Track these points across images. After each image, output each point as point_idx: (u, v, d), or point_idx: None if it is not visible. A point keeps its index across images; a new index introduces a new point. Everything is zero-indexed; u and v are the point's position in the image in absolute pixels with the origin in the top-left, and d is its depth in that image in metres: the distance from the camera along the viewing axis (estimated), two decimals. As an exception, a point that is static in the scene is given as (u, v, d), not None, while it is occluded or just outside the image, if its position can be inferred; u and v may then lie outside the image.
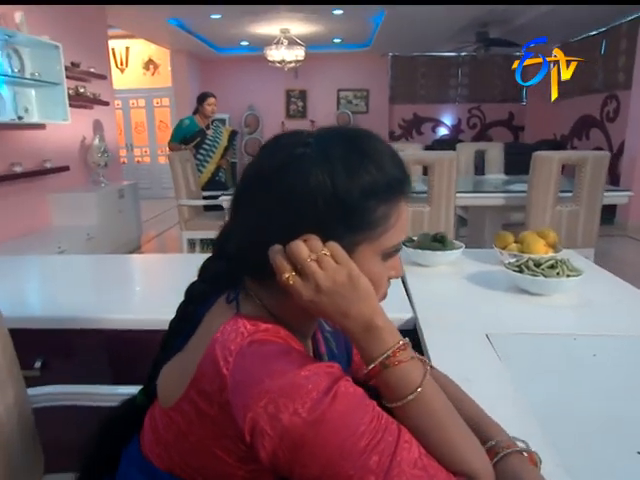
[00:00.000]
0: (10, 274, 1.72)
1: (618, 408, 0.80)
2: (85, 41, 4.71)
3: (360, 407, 0.51)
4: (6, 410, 0.95)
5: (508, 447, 0.59)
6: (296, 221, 0.55)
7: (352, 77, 8.84)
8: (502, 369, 0.92)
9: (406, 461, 0.50)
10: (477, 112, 8.81)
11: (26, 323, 1.30)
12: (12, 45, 3.67)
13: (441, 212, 3.22)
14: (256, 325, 0.55)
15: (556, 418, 0.78)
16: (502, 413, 0.77)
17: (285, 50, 6.87)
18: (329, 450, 0.49)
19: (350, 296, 0.54)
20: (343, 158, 0.56)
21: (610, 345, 1.03)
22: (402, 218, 0.60)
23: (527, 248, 1.52)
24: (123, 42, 7.79)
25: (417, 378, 0.55)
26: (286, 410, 0.49)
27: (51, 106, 4.00)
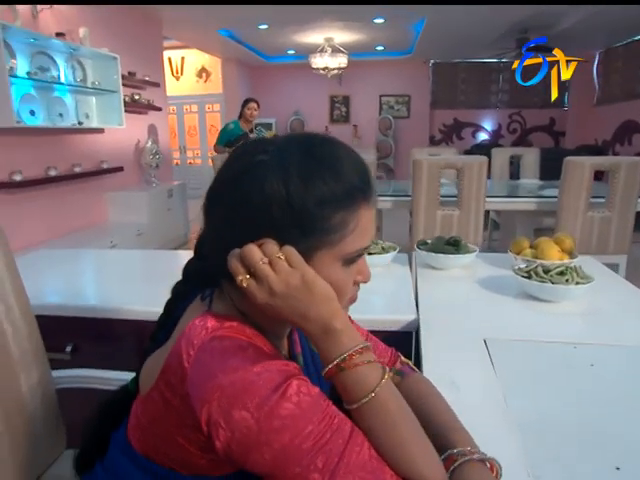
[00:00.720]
0: (61, 266, 1.81)
1: (605, 421, 0.76)
2: (141, 52, 4.87)
3: (310, 406, 0.51)
4: (30, 390, 1.00)
5: (468, 455, 0.57)
6: (254, 226, 0.55)
7: (394, 83, 8.75)
8: (492, 375, 0.89)
9: (354, 463, 0.50)
10: (517, 117, 8.53)
11: (61, 311, 1.37)
12: (76, 57, 3.85)
13: (470, 216, 3.14)
14: (221, 322, 0.56)
15: (539, 428, 0.74)
16: (483, 420, 0.76)
17: (328, 58, 6.88)
18: (276, 447, 0.49)
19: (305, 299, 0.54)
20: (298, 166, 0.55)
21: (610, 355, 0.97)
22: (362, 224, 0.58)
23: (541, 254, 1.46)
24: (179, 52, 8.01)
25: (373, 382, 0.54)
26: (236, 405, 0.49)
27: (109, 112, 4.18)
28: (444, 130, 8.81)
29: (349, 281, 0.61)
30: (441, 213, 3.18)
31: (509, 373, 0.90)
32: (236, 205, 0.56)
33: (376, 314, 1.21)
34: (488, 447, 0.67)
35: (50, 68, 3.56)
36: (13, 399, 0.96)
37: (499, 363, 0.94)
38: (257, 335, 0.58)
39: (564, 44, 6.45)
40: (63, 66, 3.70)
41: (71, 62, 3.79)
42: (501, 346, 1.01)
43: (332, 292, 0.55)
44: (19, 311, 1.00)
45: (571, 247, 1.52)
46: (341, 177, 0.56)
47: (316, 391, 0.53)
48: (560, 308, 1.22)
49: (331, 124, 9.33)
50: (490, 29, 5.99)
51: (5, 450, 0.93)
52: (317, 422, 0.50)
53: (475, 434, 0.69)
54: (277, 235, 0.54)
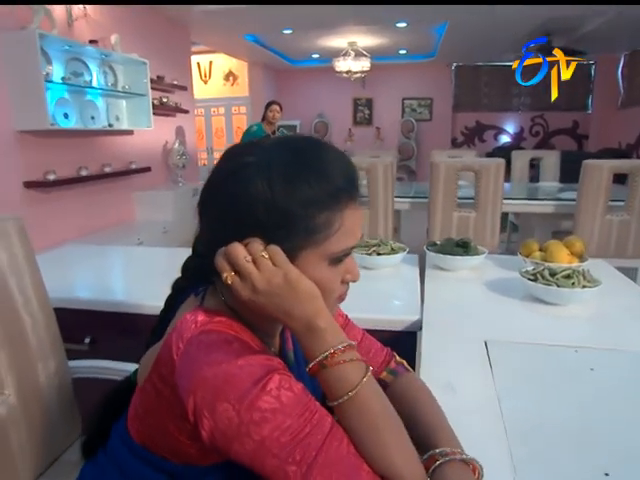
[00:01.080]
0: (87, 261, 1.87)
1: (598, 426, 0.74)
2: (170, 57, 4.95)
3: (291, 400, 0.51)
4: (47, 378, 1.03)
5: (449, 455, 0.57)
6: (241, 225, 0.56)
7: (417, 86, 8.67)
8: (489, 378, 0.87)
9: (332, 458, 0.50)
10: (540, 120, 8.34)
11: (82, 304, 1.41)
12: (108, 63, 3.94)
13: (487, 218, 3.10)
14: (210, 317, 0.57)
15: (530, 431, 0.73)
16: (474, 422, 0.75)
17: (351, 61, 6.87)
18: (256, 438, 0.49)
19: (289, 297, 0.54)
20: (283, 168, 0.56)
21: (611, 360, 0.95)
22: (347, 224, 0.58)
23: (550, 257, 1.43)
24: (207, 57, 8.11)
25: (354, 380, 0.54)
26: (219, 397, 0.50)
27: (138, 114, 4.25)
28: (466, 133, 8.68)
29: (336, 280, 0.61)
30: (457, 215, 3.14)
31: (506, 375, 0.89)
32: (225, 205, 0.57)
33: (380, 314, 1.20)
34: (476, 449, 0.67)
35: (83, 73, 3.65)
36: (30, 387, 1.00)
37: (498, 365, 0.92)
38: (245, 331, 0.58)
39: (588, 47, 6.30)
40: (96, 71, 3.79)
41: (103, 67, 3.87)
42: (501, 348, 0.99)
43: (316, 291, 0.56)
44: (37, 303, 1.03)
45: (581, 250, 1.49)
46: (326, 179, 0.57)
47: (299, 387, 0.53)
48: (566, 311, 1.20)
49: (354, 126, 9.30)
50: (513, 32, 5.88)
51: (23, 435, 0.97)
52: (297, 416, 0.50)
53: (464, 435, 0.69)
54: (263, 234, 0.55)
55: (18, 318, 0.99)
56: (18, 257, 1.01)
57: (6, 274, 0.97)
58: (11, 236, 1.00)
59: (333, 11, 5.04)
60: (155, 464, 0.61)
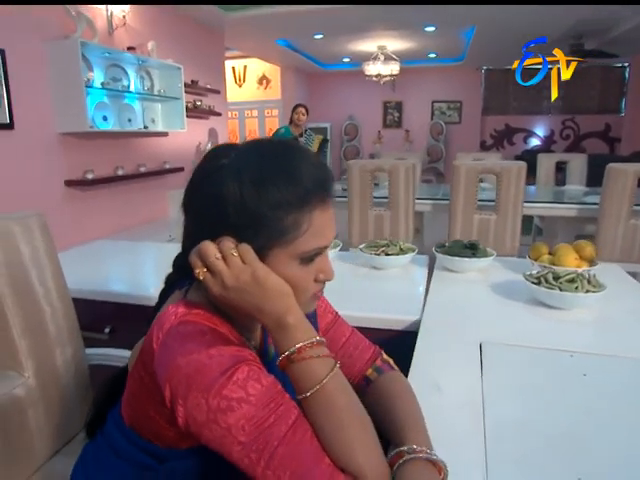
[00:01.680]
0: (118, 256, 1.94)
1: (580, 431, 0.71)
2: (204, 62, 5.05)
3: (257, 391, 0.52)
4: (64, 363, 1.08)
5: (415, 453, 0.57)
6: (215, 224, 0.57)
7: (446, 89, 8.55)
8: (477, 380, 0.86)
9: (293, 448, 0.51)
10: (571, 123, 8.08)
11: (103, 296, 1.46)
12: (145, 68, 4.05)
13: (507, 221, 3.03)
14: (190, 309, 0.59)
15: (510, 434, 0.71)
16: (455, 422, 0.74)
17: (381, 65, 6.84)
18: (222, 425, 0.51)
19: (257, 293, 0.55)
20: (254, 172, 0.57)
21: (606, 366, 0.92)
22: (316, 224, 0.59)
23: (558, 260, 1.40)
24: (242, 61, 8.23)
25: (320, 375, 0.55)
26: (190, 385, 0.52)
27: (172, 117, 4.35)
28: (495, 135, 8.50)
29: (308, 278, 0.62)
30: (478, 217, 3.08)
31: (496, 378, 0.87)
32: (201, 205, 0.59)
33: (381, 313, 1.20)
34: (452, 447, 0.67)
35: (122, 78, 3.77)
36: (49, 371, 1.05)
37: (489, 367, 0.91)
38: (224, 324, 0.60)
39: (622, 48, 6.06)
40: (133, 76, 3.90)
41: (140, 72, 3.99)
42: (496, 351, 0.98)
43: (286, 288, 0.57)
44: (57, 294, 1.08)
45: (591, 255, 1.44)
46: (294, 182, 0.57)
47: (268, 379, 0.55)
48: (569, 315, 1.17)
49: (384, 129, 9.25)
50: (543, 35, 5.71)
51: (40, 414, 1.02)
52: (262, 407, 0.52)
53: (443, 434, 0.69)
54: (235, 234, 0.56)
55: (38, 308, 1.04)
56: (40, 251, 1.06)
57: (28, 267, 1.03)
58: (34, 231, 1.05)
59: (363, 16, 5.03)
60: (142, 446, 0.64)
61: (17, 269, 1.00)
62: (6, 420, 0.96)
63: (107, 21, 3.60)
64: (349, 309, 1.22)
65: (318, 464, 0.51)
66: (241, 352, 0.55)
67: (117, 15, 3.65)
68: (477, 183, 3.02)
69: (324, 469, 0.51)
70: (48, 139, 3.14)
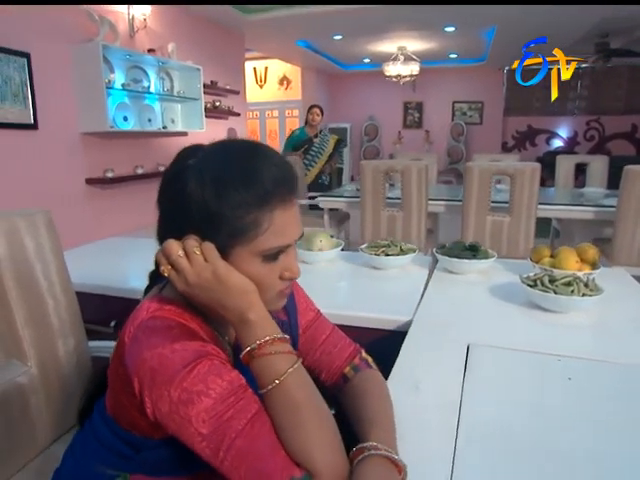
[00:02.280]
0: (129, 253, 1.99)
1: (554, 437, 0.70)
2: (224, 63, 5.12)
3: (217, 385, 0.54)
4: (66, 354, 1.12)
5: (374, 450, 0.57)
6: (180, 223, 0.59)
7: (467, 90, 8.45)
8: (459, 381, 0.85)
9: (250, 442, 0.53)
10: (596, 124, 7.88)
11: (111, 291, 1.51)
12: (165, 69, 4.14)
13: (521, 223, 2.99)
14: (162, 305, 0.61)
15: (483, 435, 0.70)
16: (428, 420, 0.75)
17: (401, 66, 6.81)
18: (182, 415, 0.53)
19: (218, 290, 0.57)
20: (215, 172, 0.59)
21: (593, 371, 0.90)
22: (276, 223, 0.60)
23: (558, 263, 1.38)
24: (263, 62, 8.29)
25: (279, 371, 0.56)
26: (154, 378, 0.54)
27: (192, 117, 4.43)
28: (517, 137, 8.36)
29: (272, 276, 0.63)
30: (491, 219, 3.05)
31: (478, 380, 0.87)
32: (168, 204, 0.61)
33: (375, 313, 1.21)
34: (421, 446, 0.67)
35: (142, 80, 3.86)
36: (51, 361, 1.09)
37: (473, 368, 0.90)
38: (195, 319, 0.62)
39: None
40: (153, 77, 3.99)
41: (160, 74, 4.07)
42: (483, 352, 0.97)
43: (249, 286, 0.58)
44: (60, 287, 1.12)
45: (594, 258, 1.42)
46: (254, 183, 0.59)
47: (231, 374, 0.56)
48: (565, 319, 1.15)
49: (404, 129, 9.21)
50: (566, 34, 5.60)
51: (42, 402, 1.06)
52: (221, 400, 0.53)
53: (413, 434, 0.69)
54: (199, 232, 0.58)
55: (42, 300, 1.08)
56: (45, 246, 1.10)
57: (33, 261, 1.07)
58: (39, 227, 1.09)
59: (382, 17, 5.02)
60: (120, 435, 0.66)
61: (22, 263, 1.05)
62: (9, 406, 1.00)
63: (129, 24, 3.69)
64: (342, 308, 1.24)
65: (274, 457, 0.53)
66: (204, 347, 0.57)
67: (138, 18, 3.73)
68: (490, 184, 2.99)
69: (279, 462, 0.53)
70: (70, 139, 3.23)
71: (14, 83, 2.78)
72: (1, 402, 0.98)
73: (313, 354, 0.80)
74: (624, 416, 0.76)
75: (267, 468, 0.52)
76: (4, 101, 2.74)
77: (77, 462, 0.75)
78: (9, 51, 2.76)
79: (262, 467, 0.52)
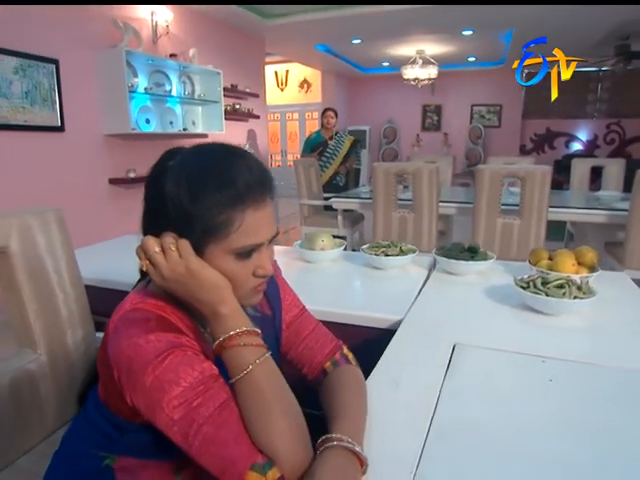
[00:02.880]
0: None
1: (525, 437, 0.69)
2: (244, 66, 5.18)
3: (187, 374, 0.57)
4: (74, 344, 1.17)
5: (337, 441, 0.58)
6: (159, 220, 0.62)
7: (486, 93, 8.34)
8: (439, 380, 0.85)
9: (217, 428, 0.55)
10: (616, 127, 7.68)
11: (116, 285, 1.55)
12: (186, 73, 4.22)
13: (531, 225, 2.95)
14: (144, 298, 0.64)
15: (454, 432, 0.70)
16: (402, 415, 0.75)
17: (419, 69, 6.77)
18: (155, 403, 0.56)
19: (192, 284, 0.60)
20: (191, 174, 0.61)
21: (576, 373, 0.89)
22: (247, 223, 0.62)
23: (555, 266, 1.36)
24: (284, 66, 8.35)
25: (247, 362, 0.58)
26: (130, 366, 0.57)
27: (212, 119, 4.50)
28: (535, 140, 8.21)
29: (245, 273, 0.65)
30: (502, 221, 3.02)
31: (459, 379, 0.87)
32: (150, 201, 0.64)
33: (367, 311, 1.22)
34: (390, 443, 0.68)
35: (164, 83, 3.95)
36: (59, 349, 1.13)
37: (455, 369, 0.90)
38: (175, 312, 0.65)
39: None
40: (175, 81, 4.07)
41: (182, 78, 4.15)
42: (468, 352, 0.97)
43: (221, 281, 0.61)
44: (69, 281, 1.17)
45: (592, 261, 1.40)
46: (227, 186, 0.61)
47: (202, 364, 0.59)
48: (556, 321, 1.14)
49: (422, 132, 9.14)
50: (586, 36, 5.48)
51: (50, 388, 1.11)
52: (191, 389, 0.56)
53: (385, 429, 0.70)
54: (176, 230, 0.61)
55: (52, 293, 1.13)
56: (56, 242, 1.14)
57: (44, 256, 1.12)
58: (50, 224, 1.14)
59: (400, 20, 5.00)
60: (107, 417, 0.70)
61: (33, 258, 1.09)
62: (19, 391, 1.05)
63: (152, 30, 3.77)
64: (338, 306, 1.25)
65: (238, 444, 0.55)
66: (178, 339, 0.60)
67: (161, 24, 3.82)
68: (501, 187, 2.96)
69: (243, 449, 0.55)
70: (95, 140, 3.33)
71: (43, 88, 2.89)
72: (12, 387, 1.03)
73: (296, 348, 0.82)
74: (601, 419, 0.75)
75: (231, 454, 0.54)
76: (34, 105, 2.84)
77: (72, 445, 0.78)
78: (40, 58, 2.86)
79: (226, 453, 0.54)
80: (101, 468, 0.71)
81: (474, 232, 3.10)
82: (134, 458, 0.70)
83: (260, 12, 4.74)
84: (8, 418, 1.02)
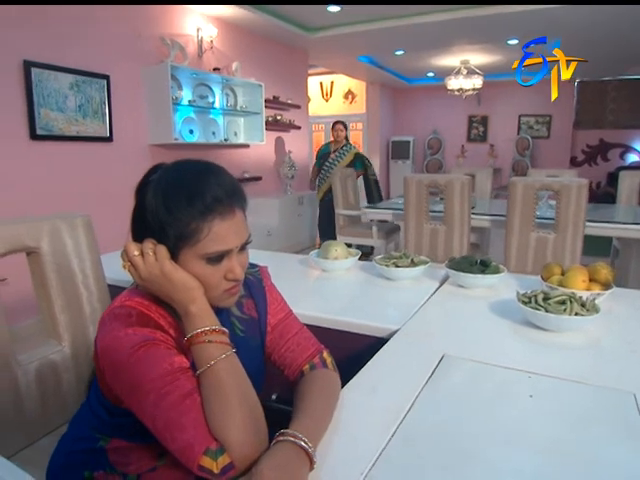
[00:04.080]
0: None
1: (491, 450, 0.70)
2: (286, 78, 5.33)
3: (157, 365, 0.63)
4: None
5: (291, 437, 0.62)
6: (141, 227, 0.70)
7: (535, 103, 8.08)
8: (418, 388, 0.87)
9: (179, 413, 0.61)
10: (677, 138, 7.25)
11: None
12: (229, 86, 4.41)
13: (567, 240, 2.86)
14: (131, 297, 0.72)
15: (416, 442, 0.72)
16: (370, 420, 0.78)
17: (463, 79, 6.69)
18: (129, 389, 0.63)
19: (166, 285, 0.67)
20: (166, 187, 0.69)
21: (558, 389, 0.88)
22: (214, 231, 0.69)
23: (565, 281, 1.34)
24: (329, 77, 8.48)
25: (211, 357, 0.65)
26: (110, 356, 0.65)
27: (253, 130, 4.67)
28: (587, 151, 7.86)
29: (216, 276, 0.71)
30: (536, 235, 2.94)
31: (438, 389, 0.88)
32: (135, 210, 0.72)
33: (365, 320, 1.24)
34: (351, 444, 0.71)
35: (208, 96, 4.14)
36: (81, 343, 1.24)
37: (438, 379, 0.91)
38: (159, 310, 0.72)
39: None
40: (218, 94, 4.26)
41: (225, 90, 4.34)
42: (454, 364, 0.98)
43: (192, 282, 0.68)
44: (93, 280, 1.28)
45: (607, 278, 1.36)
46: (196, 199, 0.68)
47: (173, 358, 0.65)
48: (555, 338, 1.12)
49: (468, 143, 8.98)
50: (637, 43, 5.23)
51: (72, 378, 1.22)
52: (159, 378, 0.63)
53: (350, 430, 0.74)
54: (154, 236, 0.69)
55: (77, 291, 1.24)
56: (82, 245, 1.26)
57: (71, 256, 1.23)
58: (78, 228, 1.26)
59: (443, 31, 4.99)
60: (100, 400, 0.78)
61: (61, 259, 1.21)
62: (44, 378, 1.16)
63: (197, 46, 3.98)
64: (340, 314, 1.29)
65: (196, 430, 0.61)
66: (153, 334, 0.67)
67: (206, 40, 4.01)
68: (535, 200, 2.89)
69: (200, 435, 0.61)
70: (140, 150, 3.54)
71: (94, 102, 3.12)
72: (38, 373, 1.15)
73: (279, 350, 0.87)
74: (573, 437, 0.74)
75: (189, 439, 0.60)
76: (85, 117, 3.07)
77: (76, 427, 0.87)
78: (92, 74, 3.10)
79: (185, 437, 0.60)
80: (96, 448, 0.80)
81: (506, 245, 3.04)
82: (124, 440, 0.78)
83: (303, 26, 4.87)
84: (34, 401, 1.14)
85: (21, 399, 1.10)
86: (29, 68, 2.71)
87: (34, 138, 2.79)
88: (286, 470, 0.57)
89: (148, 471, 0.78)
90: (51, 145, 2.91)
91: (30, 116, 2.75)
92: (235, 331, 0.84)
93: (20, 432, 1.10)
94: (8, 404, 1.08)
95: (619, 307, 1.36)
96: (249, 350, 0.84)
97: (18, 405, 1.10)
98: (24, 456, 1.08)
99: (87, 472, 0.79)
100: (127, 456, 0.78)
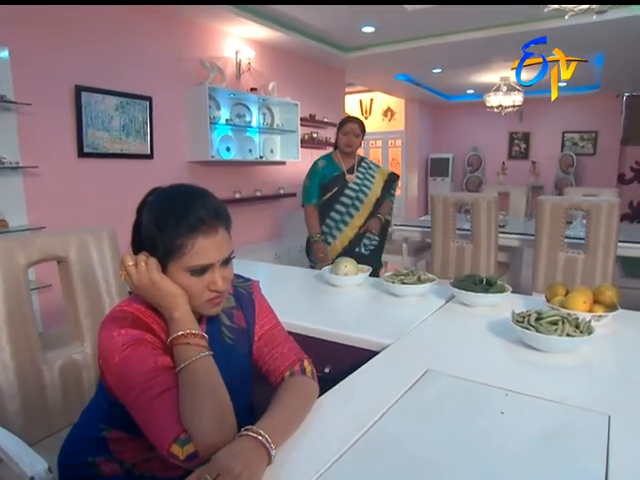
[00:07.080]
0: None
1: (453, 465, 0.73)
2: (323, 97, 5.46)
3: (142, 363, 0.73)
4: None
5: (252, 432, 0.69)
6: (139, 242, 0.81)
7: (579, 119, 7.85)
8: (393, 398, 0.91)
9: (158, 406, 0.70)
10: None
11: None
12: (266, 105, 4.58)
13: (597, 261, 2.78)
14: (130, 303, 0.82)
15: (380, 450, 0.75)
16: (336, 425, 0.83)
17: (502, 96, 6.61)
18: (117, 381, 0.73)
19: (154, 292, 0.77)
20: (157, 208, 0.79)
21: (531, 407, 0.89)
22: (197, 247, 0.78)
23: (566, 302, 1.35)
24: (368, 95, 8.58)
25: (188, 357, 0.74)
26: (105, 353, 0.75)
27: (289, 148, 4.80)
28: (637, 168, 7.52)
29: (199, 287, 0.81)
30: (564, 255, 2.88)
31: (414, 400, 0.91)
32: (134, 227, 0.83)
33: (363, 334, 1.30)
34: (315, 446, 0.76)
35: (245, 115, 4.33)
36: (102, 345, 1.37)
37: (416, 391, 0.95)
38: (153, 315, 0.82)
39: None
40: (255, 113, 4.44)
41: (262, 109, 4.52)
42: (436, 378, 1.01)
43: (176, 291, 0.77)
44: (115, 288, 1.40)
45: (611, 300, 1.36)
46: (182, 219, 0.78)
47: (158, 358, 0.75)
48: (544, 358, 1.12)
49: (509, 160, 8.80)
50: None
51: (92, 376, 1.34)
52: (143, 374, 0.72)
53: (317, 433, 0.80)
54: (148, 250, 0.79)
55: (100, 297, 1.37)
56: (107, 256, 1.39)
57: (95, 266, 1.36)
58: (103, 240, 1.39)
59: (480, 49, 4.98)
60: (103, 394, 0.88)
61: (87, 268, 1.35)
62: (66, 375, 1.29)
63: (236, 67, 4.18)
64: (339, 328, 1.35)
65: (169, 420, 0.69)
66: (142, 335, 0.77)
67: (244, 62, 4.21)
68: (564, 219, 2.83)
69: (173, 425, 0.69)
70: (179, 166, 3.75)
71: (137, 121, 3.35)
72: (62, 369, 1.27)
73: (264, 358, 0.94)
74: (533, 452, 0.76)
75: (163, 428, 0.69)
76: (129, 136, 3.31)
77: (85, 418, 0.98)
78: (136, 96, 3.34)
79: (160, 426, 0.69)
80: (99, 437, 0.90)
81: (534, 265, 2.99)
82: (123, 432, 0.88)
83: (338, 46, 5.01)
84: (57, 395, 1.26)
85: (45, 392, 1.23)
86: (79, 92, 2.96)
87: (81, 156, 3.03)
88: (241, 459, 0.63)
89: (142, 460, 0.87)
90: (96, 162, 3.15)
91: (79, 136, 2.99)
92: (224, 339, 0.92)
93: (43, 422, 1.23)
94: (34, 396, 1.20)
95: (625, 330, 1.34)
96: (237, 357, 0.92)
97: (42, 398, 1.22)
98: (45, 444, 1.20)
99: (90, 457, 0.90)
100: (125, 446, 0.87)
